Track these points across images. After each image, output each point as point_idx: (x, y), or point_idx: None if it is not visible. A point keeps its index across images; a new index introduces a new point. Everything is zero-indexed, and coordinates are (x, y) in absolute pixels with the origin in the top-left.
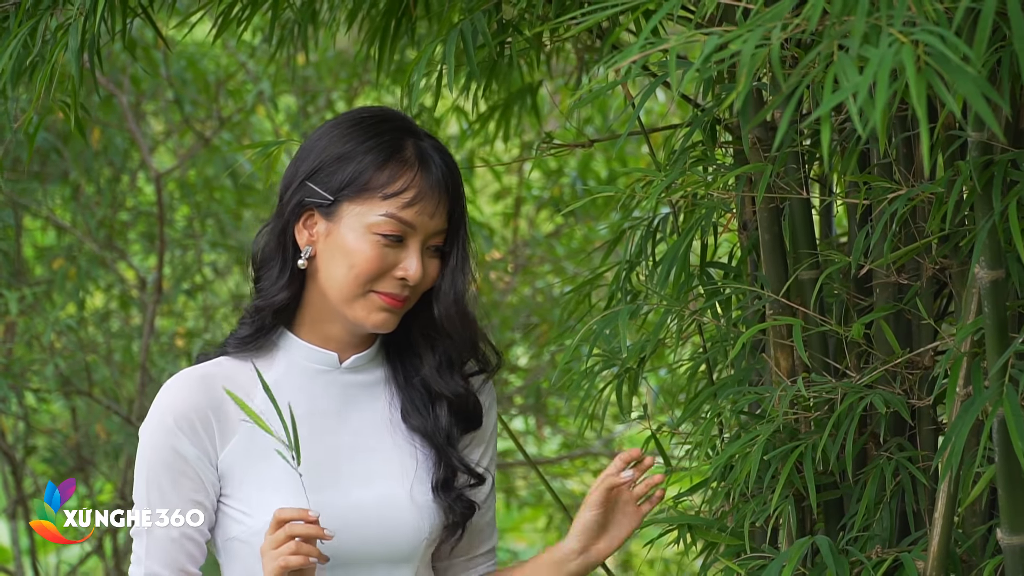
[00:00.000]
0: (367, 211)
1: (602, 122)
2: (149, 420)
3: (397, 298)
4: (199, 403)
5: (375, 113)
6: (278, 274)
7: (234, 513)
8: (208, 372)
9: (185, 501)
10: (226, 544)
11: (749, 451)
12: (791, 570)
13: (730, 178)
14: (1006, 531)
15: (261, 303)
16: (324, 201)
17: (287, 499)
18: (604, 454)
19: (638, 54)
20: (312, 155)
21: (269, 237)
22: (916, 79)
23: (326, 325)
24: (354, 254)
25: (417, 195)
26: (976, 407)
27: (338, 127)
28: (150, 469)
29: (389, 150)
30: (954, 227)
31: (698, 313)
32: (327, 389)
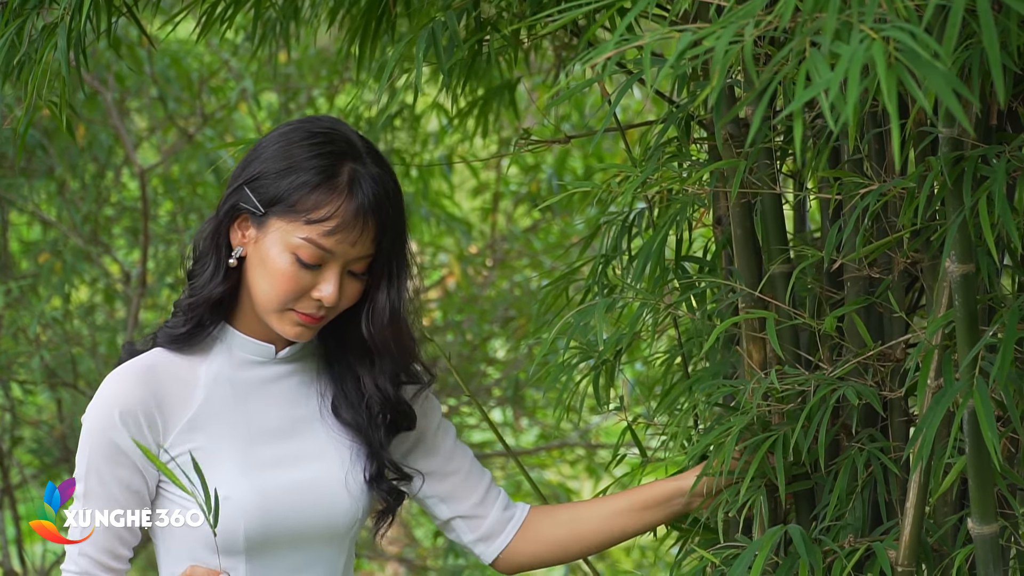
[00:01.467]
0: (290, 231)
1: (579, 119)
2: (94, 410)
3: (313, 317)
4: (144, 397)
5: (324, 129)
6: (213, 270)
7: (175, 499)
8: (150, 363)
9: (122, 488)
10: (164, 531)
11: (723, 442)
12: (763, 558)
13: (704, 174)
14: (976, 521)
15: (197, 299)
16: (256, 211)
17: (233, 485)
18: (581, 445)
19: (613, 50)
20: (256, 162)
21: (207, 234)
22: (887, 75)
23: (257, 320)
24: (273, 271)
25: (339, 225)
26: (947, 399)
27: (285, 138)
28: (91, 456)
29: (324, 174)
30: (925, 222)
31: (673, 307)
32: (263, 379)
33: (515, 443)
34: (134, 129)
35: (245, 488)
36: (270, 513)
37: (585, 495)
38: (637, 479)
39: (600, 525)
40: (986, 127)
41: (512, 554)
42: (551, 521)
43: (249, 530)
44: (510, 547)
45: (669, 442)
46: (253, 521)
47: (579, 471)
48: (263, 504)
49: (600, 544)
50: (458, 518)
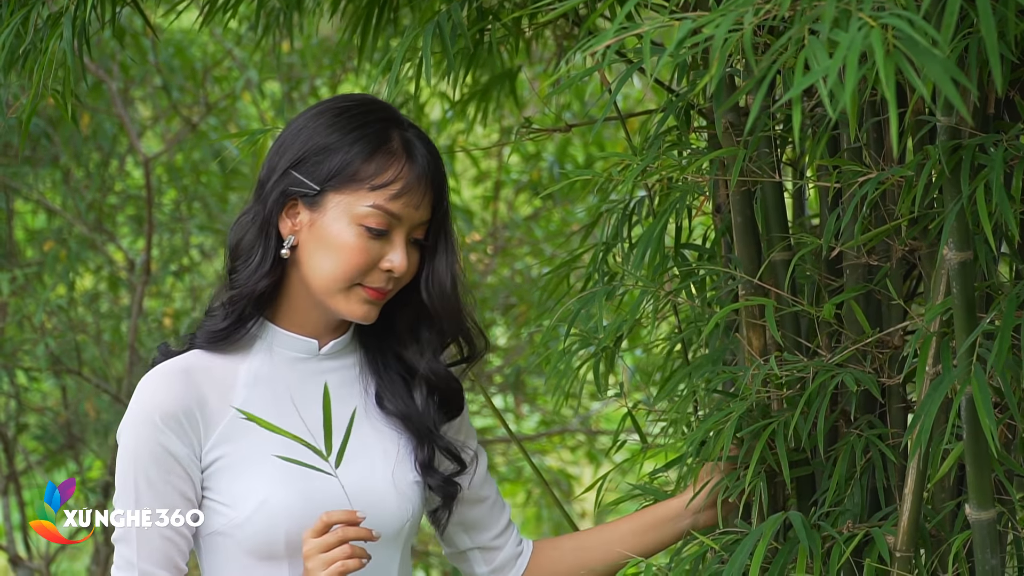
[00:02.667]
0: (354, 202)
1: (580, 107)
2: (133, 418)
3: (382, 291)
4: (183, 399)
5: (360, 102)
6: (259, 263)
7: (216, 506)
8: (186, 366)
9: (175, 496)
10: (208, 539)
11: (723, 428)
12: (764, 545)
13: (704, 162)
14: (974, 507)
15: (240, 293)
16: (309, 191)
17: (273, 488)
18: (581, 431)
19: (613, 39)
20: (296, 144)
21: (249, 226)
22: (885, 62)
23: (305, 313)
24: (340, 247)
25: (404, 187)
26: (945, 385)
27: (323, 116)
28: (137, 467)
29: (376, 140)
30: (923, 210)
31: (673, 294)
32: (306, 376)
33: (516, 429)
34: (138, 118)
35: (285, 491)
36: (311, 517)
37: (586, 481)
38: (638, 465)
39: (606, 553)
40: (984, 116)
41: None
42: (556, 553)
43: (290, 534)
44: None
45: (669, 428)
46: (294, 526)
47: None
48: (305, 507)
49: (607, 570)
50: (476, 549)
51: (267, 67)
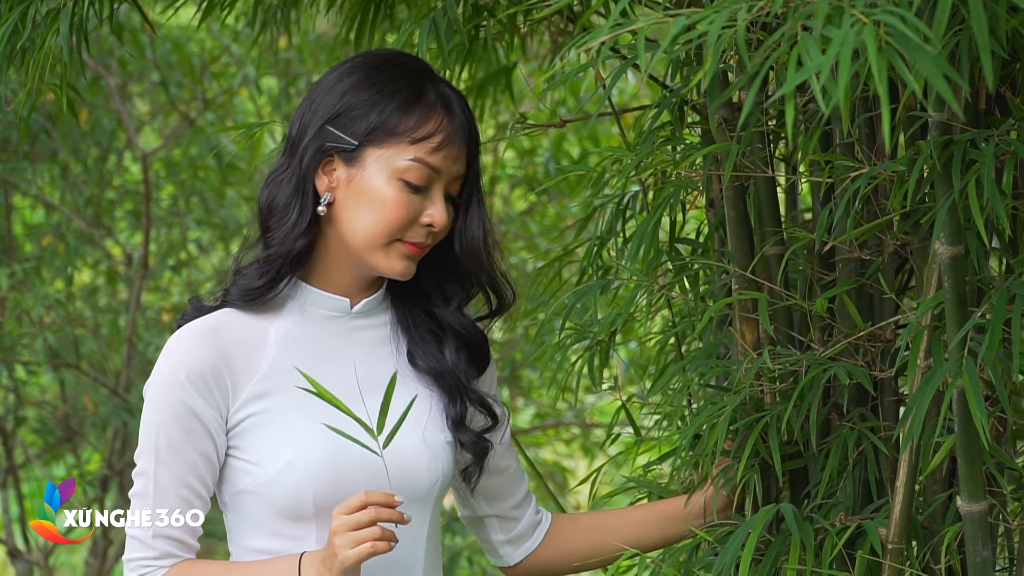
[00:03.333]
0: (394, 156)
1: (575, 103)
2: (159, 374)
3: (421, 246)
4: (211, 358)
5: (391, 56)
6: (295, 221)
7: (244, 465)
8: (216, 324)
9: (195, 457)
10: (235, 498)
11: (716, 422)
12: (756, 536)
13: (697, 157)
14: (965, 499)
15: (276, 252)
16: (347, 146)
17: (301, 447)
18: (576, 424)
19: (607, 35)
20: (331, 100)
21: (283, 185)
22: (877, 59)
23: (338, 271)
24: (381, 202)
25: (444, 139)
26: (936, 379)
27: (356, 71)
28: (160, 426)
29: (414, 94)
30: (915, 205)
31: (667, 288)
32: (337, 335)
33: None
34: (136, 113)
35: (313, 450)
36: (341, 477)
37: (580, 474)
38: (632, 458)
39: (623, 536)
40: (975, 111)
41: (534, 559)
42: (574, 529)
43: (318, 494)
44: (534, 552)
45: (663, 421)
46: (322, 485)
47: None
48: (334, 468)
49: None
50: (494, 517)
51: (264, 63)
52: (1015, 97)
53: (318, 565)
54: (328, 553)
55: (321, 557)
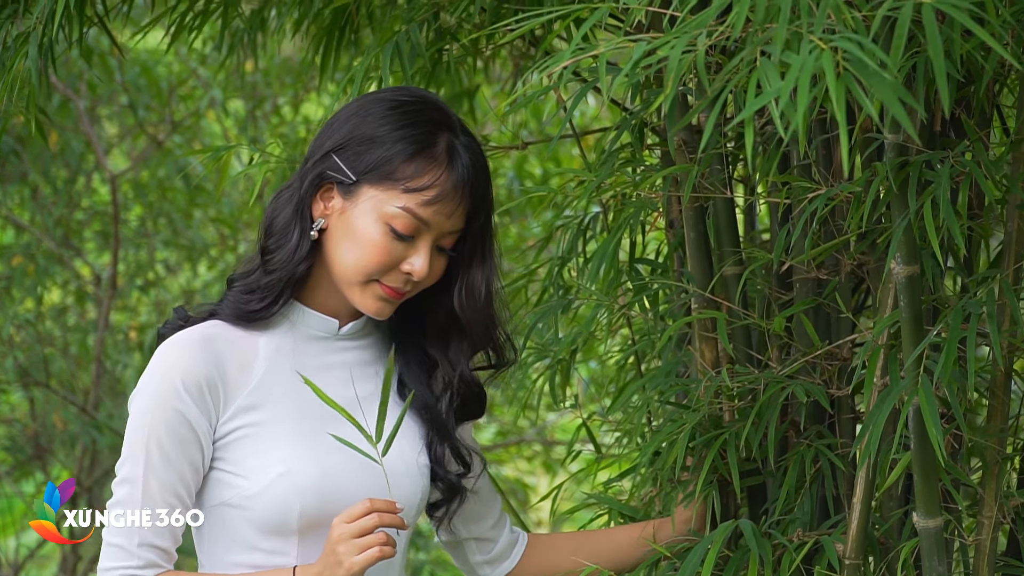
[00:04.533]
0: (386, 200)
1: (537, 125)
2: (151, 380)
3: (398, 291)
4: (206, 366)
5: (418, 98)
6: (295, 245)
7: (229, 478)
8: (209, 334)
9: (185, 466)
10: (214, 510)
11: (676, 439)
12: (716, 552)
13: (657, 179)
14: (921, 515)
15: (277, 277)
16: (345, 179)
17: (293, 461)
18: (538, 441)
19: (569, 60)
20: (345, 129)
21: (286, 205)
22: (835, 84)
23: (327, 293)
24: (364, 241)
25: (438, 195)
26: (893, 396)
27: (377, 105)
28: (152, 429)
29: (421, 142)
30: (871, 225)
31: (627, 307)
32: (324, 354)
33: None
34: (105, 136)
35: (302, 465)
36: (328, 492)
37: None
38: (593, 474)
39: (601, 558)
40: (930, 133)
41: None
42: (553, 550)
43: (304, 509)
44: (512, 572)
45: (623, 438)
46: (309, 499)
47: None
48: (322, 482)
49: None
50: (472, 540)
51: (231, 86)
52: (970, 119)
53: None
54: (330, 562)
55: (319, 570)
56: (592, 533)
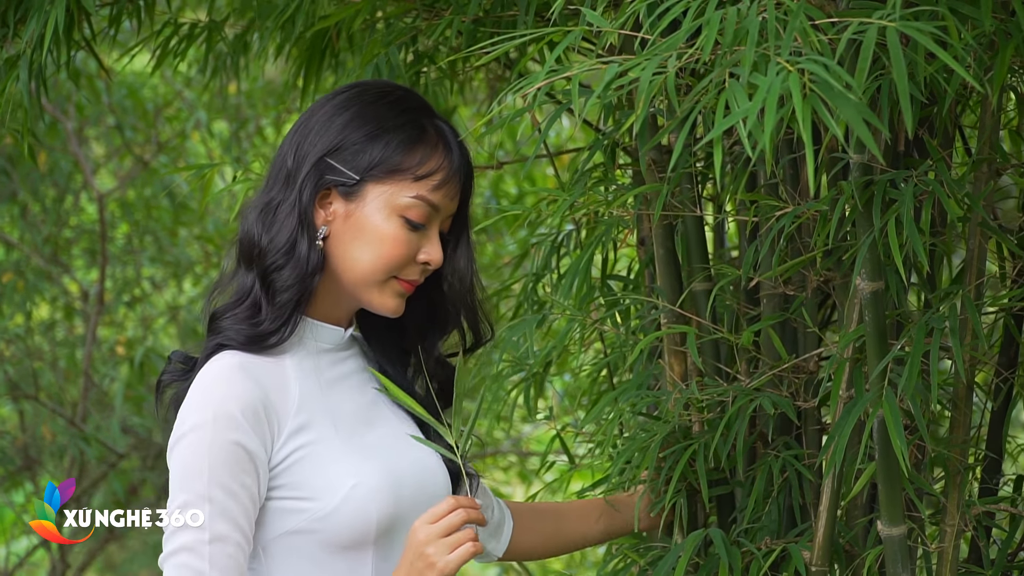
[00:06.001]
0: (396, 192)
1: (512, 145)
2: (203, 414)
3: (414, 284)
4: (256, 392)
5: (389, 90)
6: (306, 259)
7: (294, 504)
8: (243, 362)
9: (246, 499)
10: (276, 541)
11: (646, 449)
12: (686, 560)
13: (629, 197)
14: (886, 523)
15: (292, 295)
16: (348, 181)
17: (362, 471)
18: (513, 452)
19: (543, 81)
20: (330, 133)
21: (284, 220)
22: (802, 105)
23: (332, 303)
24: (380, 239)
25: (445, 177)
26: (858, 408)
27: (353, 103)
28: (212, 467)
29: (416, 131)
30: (837, 242)
31: (599, 322)
32: (334, 365)
33: None
34: (92, 156)
35: (369, 475)
36: (397, 495)
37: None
38: (566, 484)
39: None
40: (894, 153)
41: (515, 545)
42: (535, 514)
43: (381, 517)
44: (513, 538)
45: (596, 449)
46: (384, 507)
47: (511, 477)
48: (392, 487)
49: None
50: None
51: (215, 108)
52: (933, 139)
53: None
54: (419, 566)
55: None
56: (568, 502)
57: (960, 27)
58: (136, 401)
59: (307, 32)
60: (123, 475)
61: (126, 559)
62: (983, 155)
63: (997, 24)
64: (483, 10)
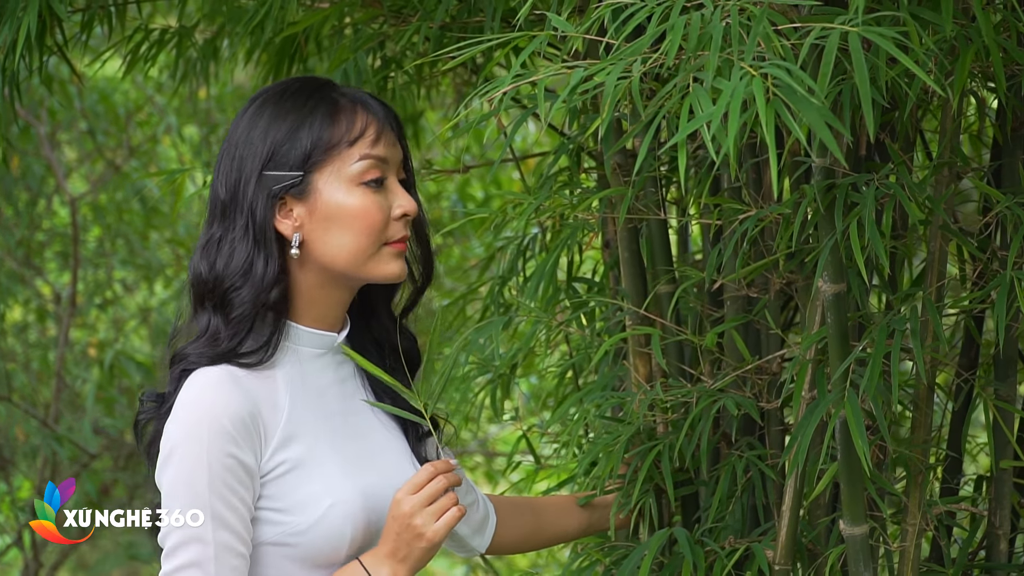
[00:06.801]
0: (342, 165)
1: (478, 150)
2: (195, 429)
3: (404, 239)
4: (245, 403)
5: (290, 83)
6: (263, 273)
7: (271, 515)
8: (235, 374)
9: (243, 508)
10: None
11: (612, 450)
12: (651, 559)
13: (593, 201)
14: (848, 522)
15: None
16: (295, 180)
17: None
18: (479, 453)
19: (509, 86)
20: (255, 146)
21: (236, 247)
22: (765, 109)
23: (321, 307)
24: (351, 214)
25: (377, 129)
26: (820, 409)
27: (264, 108)
28: (211, 481)
29: (330, 104)
30: (800, 245)
31: (565, 324)
32: (326, 371)
33: None
34: (65, 160)
35: (349, 492)
36: (370, 513)
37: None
38: (532, 483)
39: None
40: (856, 157)
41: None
42: (515, 510)
43: (355, 536)
44: (496, 533)
45: (561, 450)
46: (359, 525)
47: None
48: (365, 506)
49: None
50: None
51: (185, 112)
52: (894, 143)
53: (390, 560)
54: (407, 537)
55: (391, 549)
56: (544, 497)
57: (921, 32)
58: (107, 402)
59: (276, 38)
60: (95, 475)
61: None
62: (944, 159)
63: (958, 29)
64: (450, 16)
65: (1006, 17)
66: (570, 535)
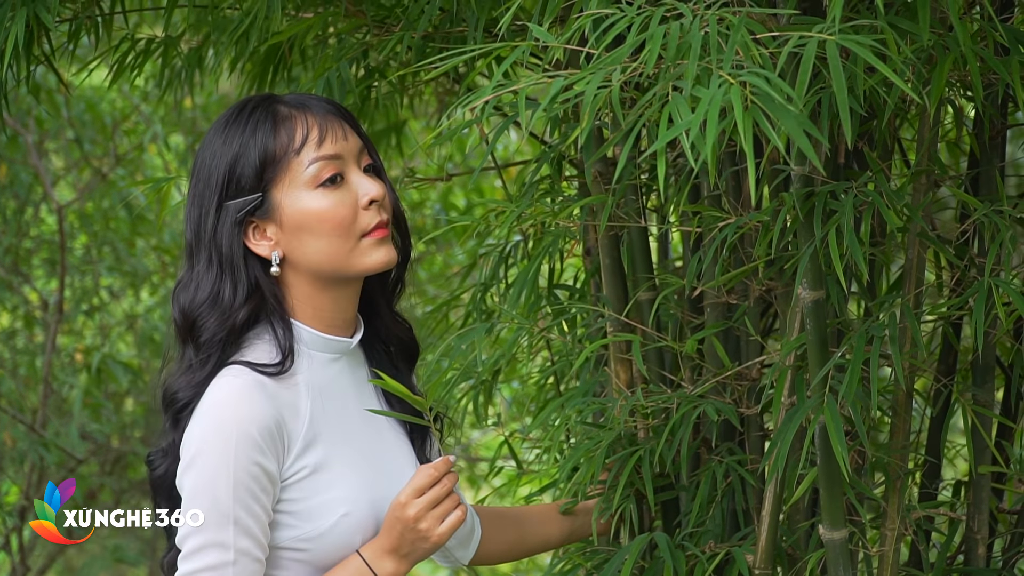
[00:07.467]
0: (296, 174)
1: (461, 158)
2: (221, 435)
3: (381, 225)
4: (271, 411)
5: (233, 108)
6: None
7: (287, 519)
8: (260, 381)
9: (264, 515)
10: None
11: (593, 455)
12: (631, 563)
13: (575, 208)
14: (827, 527)
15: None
16: (254, 200)
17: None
18: (462, 458)
19: (491, 95)
20: (212, 177)
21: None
22: (743, 117)
23: (329, 312)
24: (320, 217)
25: (321, 129)
26: (800, 415)
27: (213, 139)
28: (235, 487)
29: (271, 119)
30: (779, 252)
31: (546, 330)
32: (343, 375)
33: None
34: (52, 168)
35: (358, 502)
36: (380, 519)
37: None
38: (514, 488)
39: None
40: (835, 165)
41: (482, 552)
42: (500, 520)
43: (364, 541)
44: (480, 546)
45: (543, 455)
46: (368, 536)
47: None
48: (375, 516)
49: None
50: None
51: (171, 121)
52: (872, 151)
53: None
54: (410, 539)
55: (394, 546)
56: (527, 507)
57: (899, 41)
58: (94, 408)
59: (261, 47)
60: (82, 480)
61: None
62: (922, 167)
63: (935, 38)
64: (432, 26)
65: (983, 26)
66: (552, 543)
